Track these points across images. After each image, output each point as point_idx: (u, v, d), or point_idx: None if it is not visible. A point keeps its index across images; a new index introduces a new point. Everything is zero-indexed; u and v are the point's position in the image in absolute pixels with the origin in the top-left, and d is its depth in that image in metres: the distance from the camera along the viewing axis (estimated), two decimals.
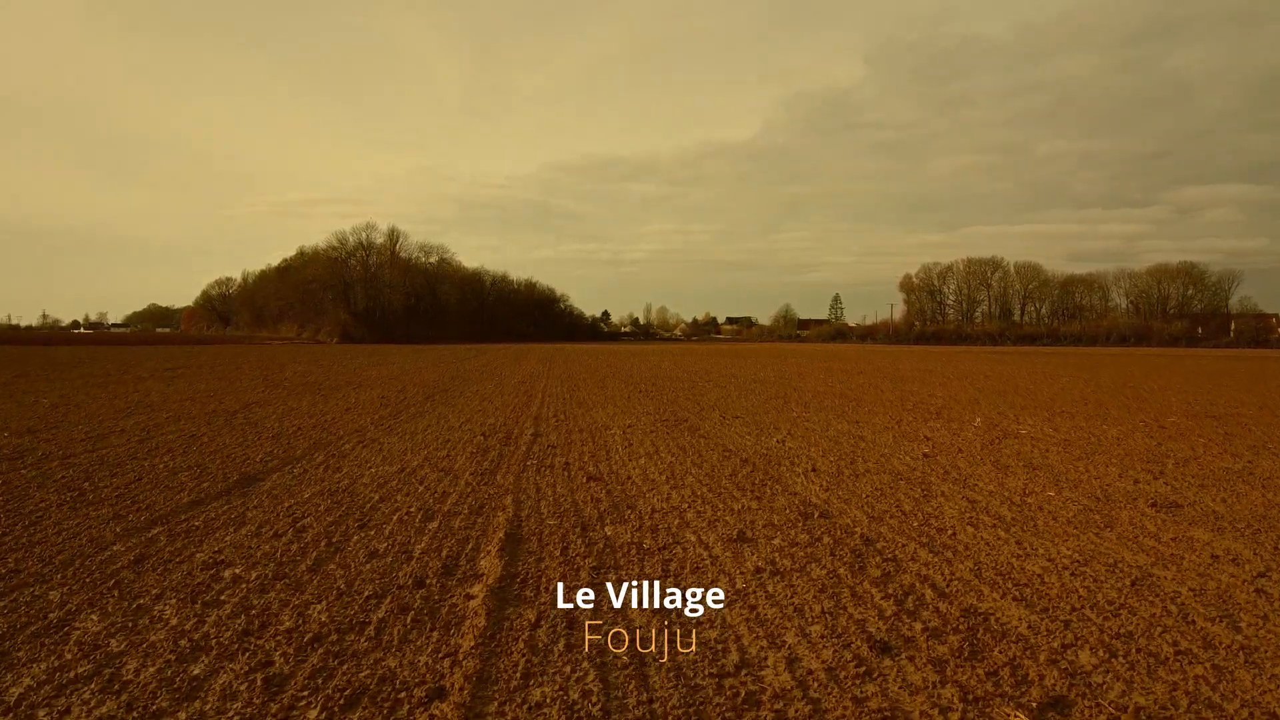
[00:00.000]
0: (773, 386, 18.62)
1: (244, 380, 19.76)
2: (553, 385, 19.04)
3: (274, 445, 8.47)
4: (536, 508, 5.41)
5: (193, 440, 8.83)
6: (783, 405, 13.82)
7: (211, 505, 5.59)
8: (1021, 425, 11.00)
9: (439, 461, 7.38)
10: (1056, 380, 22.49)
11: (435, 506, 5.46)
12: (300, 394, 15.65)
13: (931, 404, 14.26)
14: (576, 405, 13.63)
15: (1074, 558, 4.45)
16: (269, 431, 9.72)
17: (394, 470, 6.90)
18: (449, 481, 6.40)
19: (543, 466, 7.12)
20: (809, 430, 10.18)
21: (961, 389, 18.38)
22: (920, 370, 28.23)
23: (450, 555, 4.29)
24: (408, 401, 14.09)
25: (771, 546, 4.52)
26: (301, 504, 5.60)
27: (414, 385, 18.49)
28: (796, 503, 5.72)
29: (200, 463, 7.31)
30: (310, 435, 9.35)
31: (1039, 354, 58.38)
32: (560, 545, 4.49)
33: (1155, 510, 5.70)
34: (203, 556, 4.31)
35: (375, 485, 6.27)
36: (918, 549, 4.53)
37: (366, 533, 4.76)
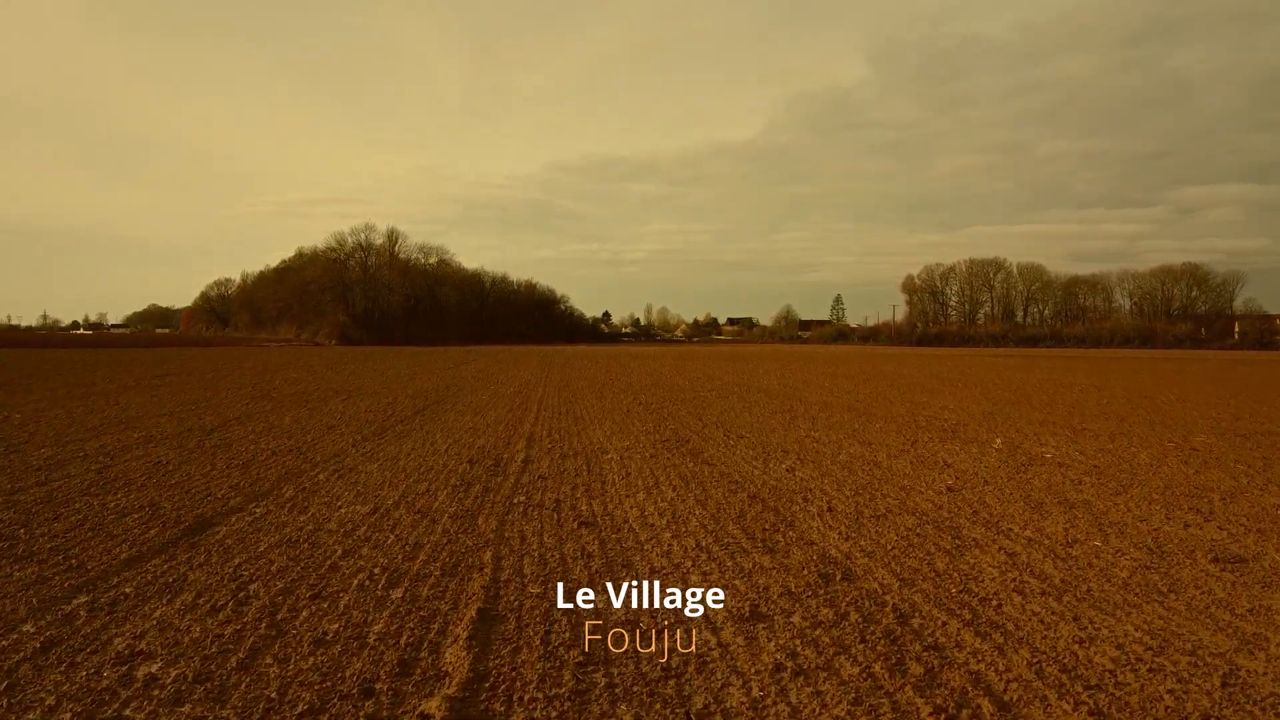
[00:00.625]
0: (777, 398, 17.96)
1: (230, 390, 19.11)
2: (549, 396, 18.38)
3: (241, 476, 7.81)
4: (519, 568, 4.75)
5: (156, 469, 8.17)
6: (789, 421, 13.15)
7: (152, 562, 4.93)
8: (1045, 447, 10.33)
9: (417, 499, 6.73)
10: (1069, 389, 21.82)
11: (403, 566, 4.80)
12: (286, 407, 15.00)
13: (945, 419, 13.59)
14: (573, 421, 12.97)
15: (1145, 642, 3.79)
16: (241, 457, 9.06)
17: (366, 511, 6.24)
18: (424, 527, 5.74)
19: (530, 506, 6.46)
20: (819, 454, 9.52)
21: (973, 400, 17.72)
22: (927, 376, 27.55)
23: (411, 642, 3.63)
24: (396, 416, 13.43)
25: (790, 627, 3.86)
26: (253, 560, 4.95)
27: (405, 395, 17.85)
28: (814, 558, 5.06)
29: (155, 501, 6.65)
30: (284, 461, 8.69)
31: (1044, 357, 57.70)
32: (542, 627, 3.83)
33: (1218, 568, 5.04)
34: (121, 644, 3.65)
35: (342, 533, 5.61)
36: (961, 629, 3.87)
37: (319, 606, 4.10)
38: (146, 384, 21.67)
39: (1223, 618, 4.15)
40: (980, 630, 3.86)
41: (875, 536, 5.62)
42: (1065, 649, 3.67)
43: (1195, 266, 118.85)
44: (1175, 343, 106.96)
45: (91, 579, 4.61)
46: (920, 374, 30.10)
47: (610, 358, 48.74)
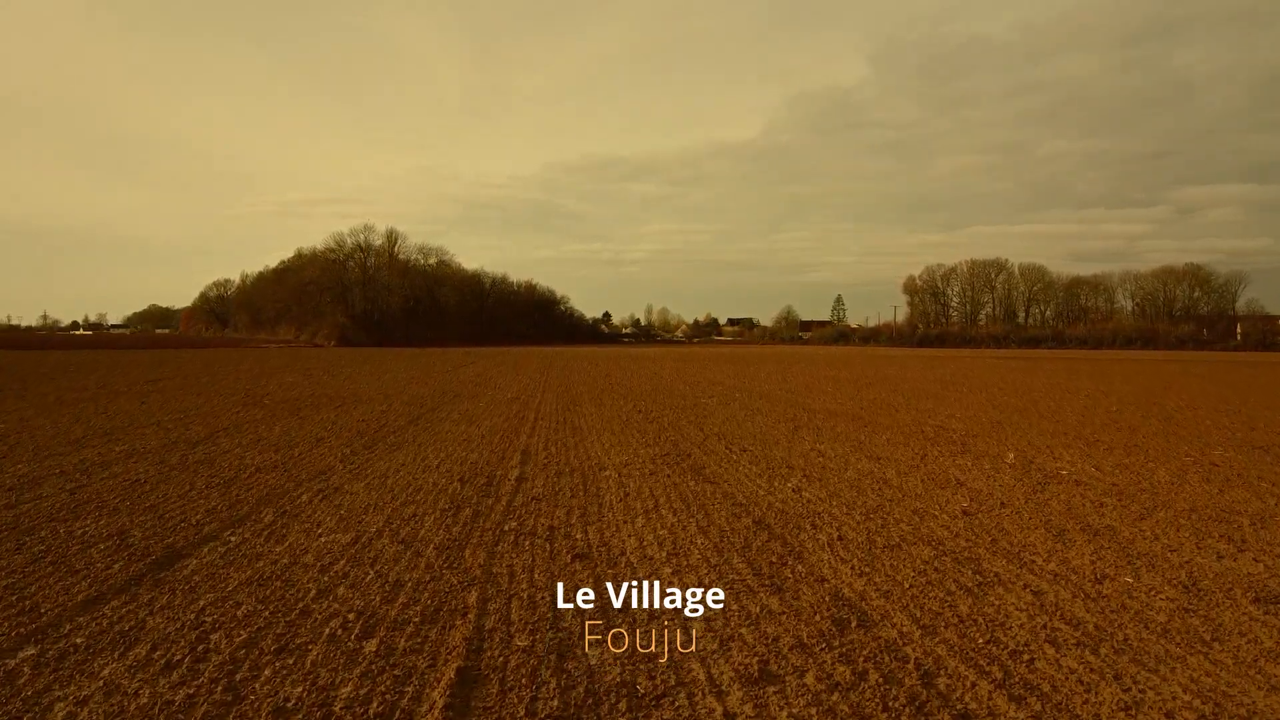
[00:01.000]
0: (779, 404, 17.59)
1: (222, 397, 18.75)
2: (547, 403, 18.02)
3: (221, 498, 7.45)
4: (505, 614, 4.37)
5: (132, 490, 7.81)
6: (793, 431, 12.78)
7: (110, 605, 4.56)
8: (1059, 462, 9.96)
9: (402, 525, 6.36)
10: (1075, 395, 21.44)
11: (381, 610, 4.43)
12: (276, 416, 14.63)
13: (953, 429, 13.22)
14: (570, 432, 12.60)
15: (1196, 707, 3.42)
16: (223, 474, 8.69)
17: (346, 541, 5.87)
18: (407, 561, 5.37)
19: (522, 534, 6.09)
20: (826, 470, 9.15)
21: (980, 407, 17.34)
22: (931, 381, 27.17)
23: (381, 712, 3.26)
24: (388, 427, 13.07)
25: (804, 690, 3.48)
26: (220, 602, 4.58)
27: (400, 403, 17.48)
28: (826, 598, 4.68)
29: (126, 528, 6.28)
30: (267, 480, 8.32)
31: (1046, 359, 57.30)
32: (529, 690, 3.46)
33: (1261, 609, 4.67)
34: (61, 712, 3.28)
35: (318, 568, 5.24)
36: (993, 692, 3.49)
37: (283, 663, 3.73)
38: (138, 389, 21.32)
39: (1275, 674, 3.78)
40: (1014, 693, 3.49)
41: (890, 572, 5.24)
42: (1112, 717, 3.30)
43: (1197, 267, 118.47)
44: (1177, 344, 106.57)
45: (43, 625, 4.24)
46: (924, 378, 29.72)
47: (610, 360, 48.36)
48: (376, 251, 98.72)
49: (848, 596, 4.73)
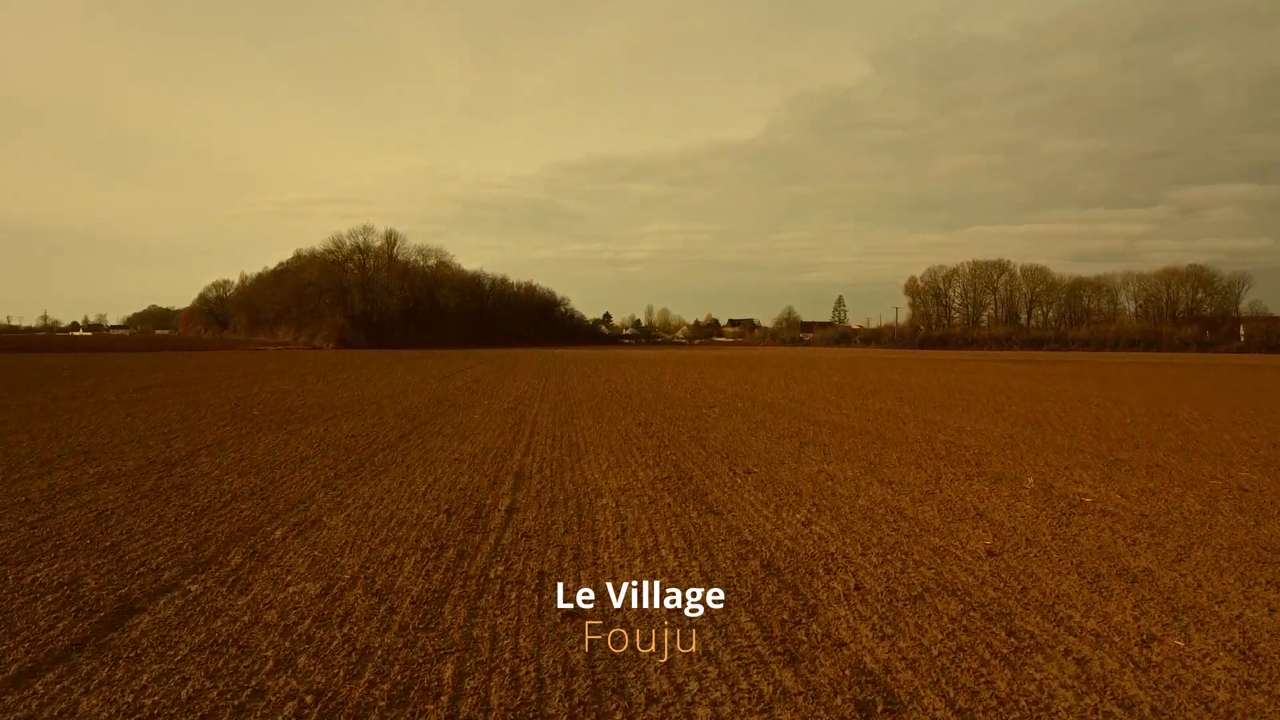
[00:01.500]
0: (783, 416, 17.08)
1: (210, 408, 18.25)
2: (544, 414, 17.51)
3: (189, 534, 6.94)
4: (484, 695, 3.86)
5: (97, 524, 7.30)
6: (799, 449, 12.27)
7: (46, 678, 4.06)
8: (1080, 486, 9.45)
9: (379, 571, 5.85)
10: (1085, 405, 20.92)
11: (343, 690, 3.91)
12: (263, 431, 14.13)
13: (965, 445, 12.71)
14: (567, 449, 12.10)
15: None
16: (197, 502, 8.19)
17: (316, 592, 5.36)
18: (380, 621, 4.86)
19: (508, 583, 5.58)
20: (836, 497, 8.64)
21: (990, 419, 16.82)
22: (937, 388, 26.64)
23: None
24: (378, 443, 12.56)
25: None
26: (164, 677, 4.07)
27: (393, 414, 16.97)
28: (847, 671, 4.17)
29: (80, 574, 5.78)
30: (241, 511, 7.81)
31: (1051, 362, 56.71)
32: None
33: None
34: None
35: (281, 628, 4.73)
36: None
37: None
38: (127, 398, 20.84)
39: None
40: None
41: (916, 634, 4.73)
42: None
43: (1200, 268, 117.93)
44: (1181, 346, 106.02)
45: None
46: (929, 384, 29.20)
47: (610, 364, 47.86)
48: (375, 253, 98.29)
49: (870, 669, 4.22)
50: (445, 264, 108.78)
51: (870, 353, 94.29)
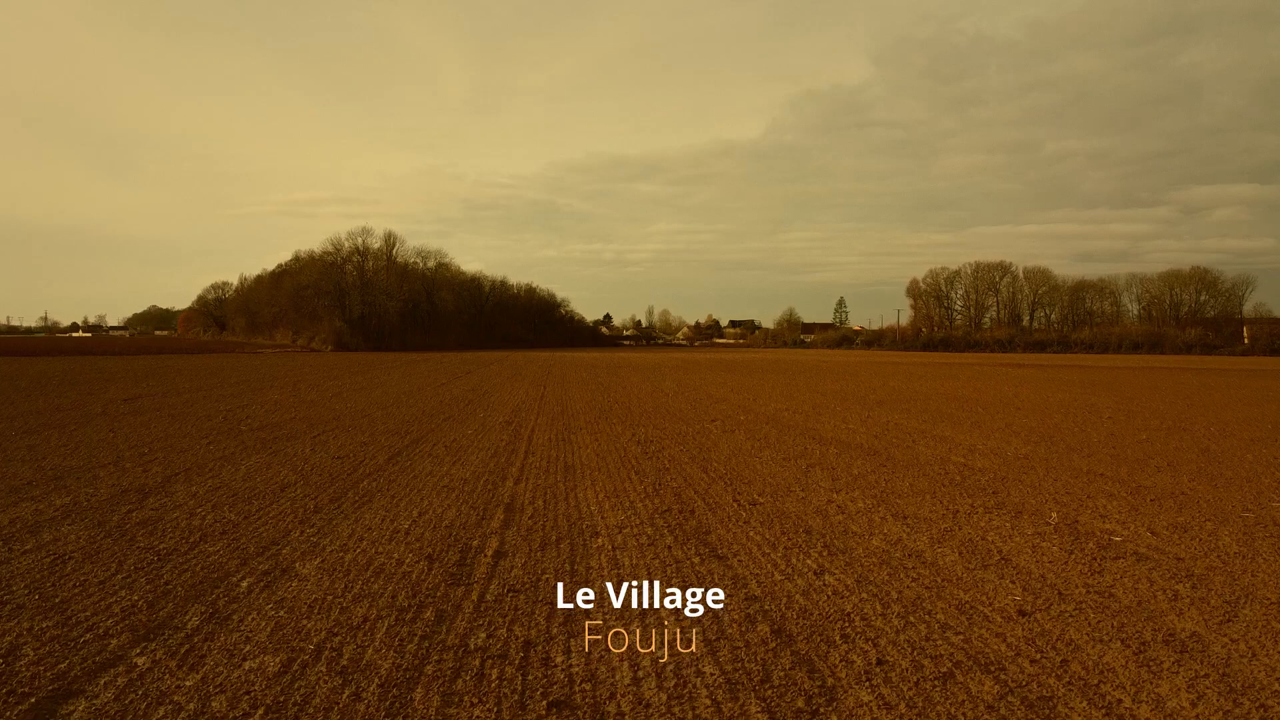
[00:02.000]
0: (788, 432, 16.51)
1: (198, 421, 17.70)
2: (540, 429, 16.97)
3: (148, 585, 6.38)
4: None
5: (51, 573, 6.74)
6: (806, 472, 11.72)
7: None
8: (1108, 522, 8.88)
9: (347, 639, 5.28)
10: (1098, 417, 20.34)
11: None
12: (248, 450, 13.57)
13: (978, 468, 12.14)
14: (562, 473, 11.54)
15: None
16: (162, 543, 7.63)
17: (275, 669, 4.79)
18: (342, 709, 4.29)
19: (489, 656, 5.01)
20: (849, 538, 8.07)
21: (1001, 435, 16.24)
22: (944, 398, 26.06)
23: None
24: (365, 466, 12.01)
25: None
26: None
27: (384, 429, 16.41)
28: None
29: (19, 643, 5.21)
30: (209, 555, 7.25)
31: (1056, 367, 56.11)
32: None
33: None
34: None
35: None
36: None
37: None
38: (113, 412, 20.30)
39: None
40: None
41: None
42: None
43: (1204, 270, 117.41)
44: (1185, 349, 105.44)
45: None
46: (935, 393, 28.63)
47: (609, 370, 47.31)
48: (374, 254, 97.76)
49: None
50: (444, 266, 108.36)
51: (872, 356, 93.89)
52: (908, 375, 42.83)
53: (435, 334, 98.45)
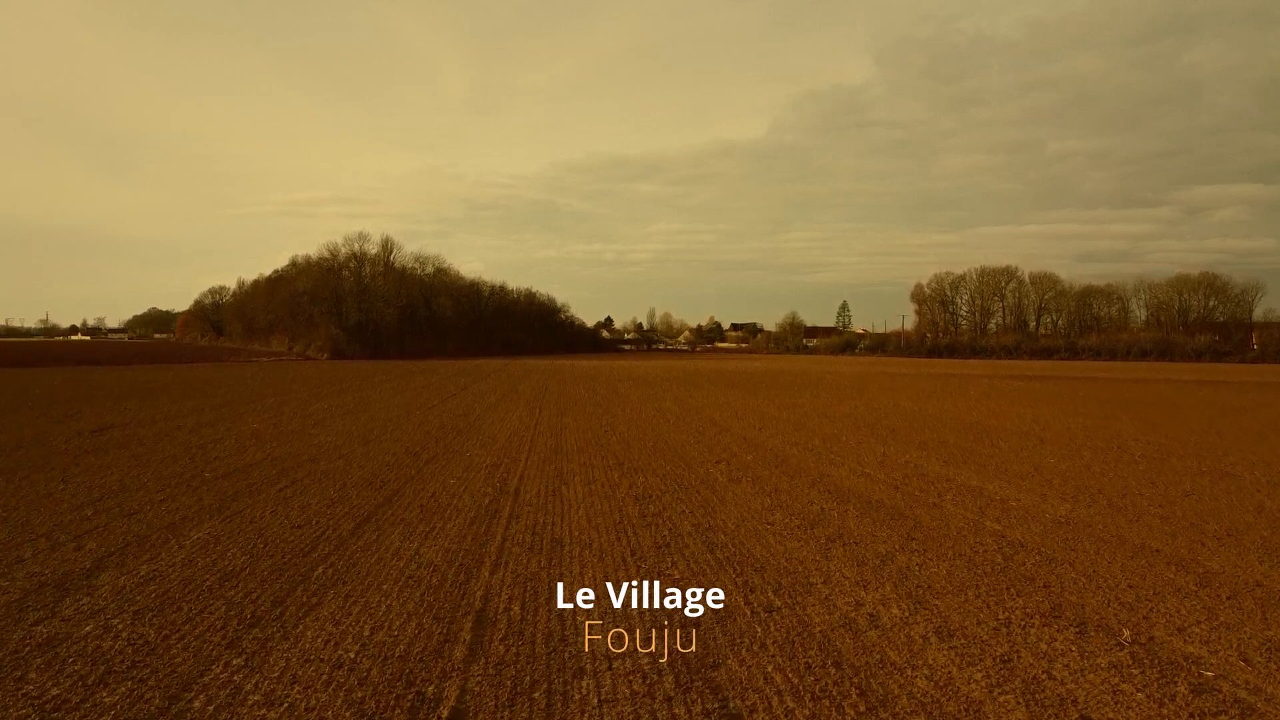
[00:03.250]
0: (801, 481, 15.10)
1: (161, 465, 16.29)
2: (529, 478, 15.60)
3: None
4: None
5: None
6: (825, 551, 10.31)
7: None
8: (1190, 642, 7.46)
9: None
10: (1130, 455, 18.88)
11: None
12: (202, 515, 12.16)
13: (1022, 545, 10.73)
14: (548, 555, 10.16)
15: None
16: (55, 689, 6.23)
17: None
18: None
19: None
20: (887, 674, 6.65)
21: (1035, 488, 14.80)
22: (962, 427, 24.59)
23: None
24: (324, 542, 10.61)
25: None
26: None
27: (357, 477, 14.99)
28: None
29: None
30: (105, 705, 5.85)
31: (1069, 379, 54.56)
32: None
33: None
34: None
35: None
36: None
37: None
38: (75, 448, 18.96)
39: None
40: None
41: None
42: None
43: (1214, 276, 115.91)
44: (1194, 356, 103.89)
45: None
46: (950, 416, 27.17)
47: (609, 384, 45.92)
48: (371, 260, 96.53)
49: None
50: (443, 271, 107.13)
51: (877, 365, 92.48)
52: (917, 392, 41.40)
53: (433, 340, 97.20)
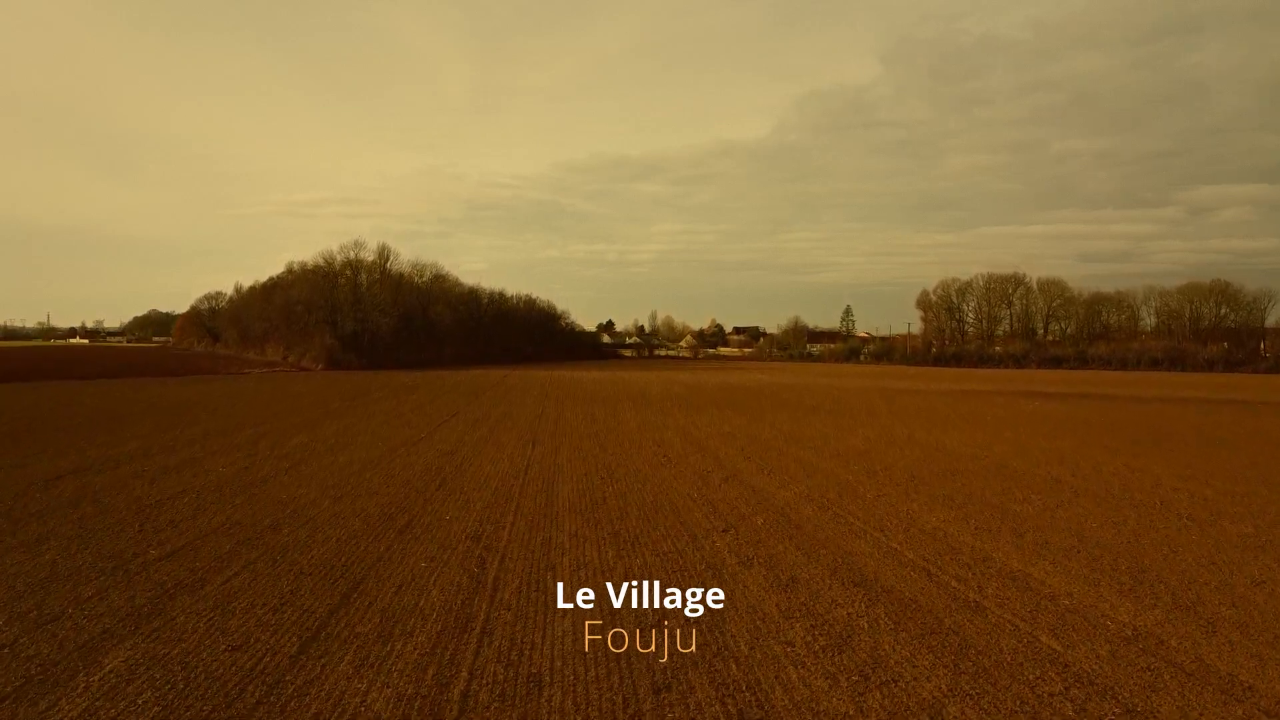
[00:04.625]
0: (820, 565, 13.21)
1: (100, 544, 14.38)
2: (515, 544, 13.77)
3: None
4: None
5: None
6: (860, 701, 8.45)
7: None
8: None
9: None
10: (1178, 518, 16.97)
11: None
12: (112, 639, 10.29)
13: (1089, 680, 8.85)
14: (525, 685, 8.30)
15: None
16: None
17: None
18: None
19: None
20: None
21: (1083, 573, 12.88)
22: (987, 471, 22.61)
23: None
24: (265, 661, 8.75)
25: None
26: None
27: (318, 560, 13.12)
28: None
29: None
30: None
31: (1085, 398, 52.53)
32: None
33: None
34: None
35: None
36: None
37: None
38: (21, 508, 17.11)
39: None
40: None
41: None
42: None
43: (1225, 284, 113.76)
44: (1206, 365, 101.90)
45: None
46: (970, 452, 25.22)
47: (609, 405, 44.07)
48: (368, 267, 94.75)
49: None
50: (441, 277, 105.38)
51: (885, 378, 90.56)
52: (931, 417, 39.46)
53: (431, 349, 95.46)
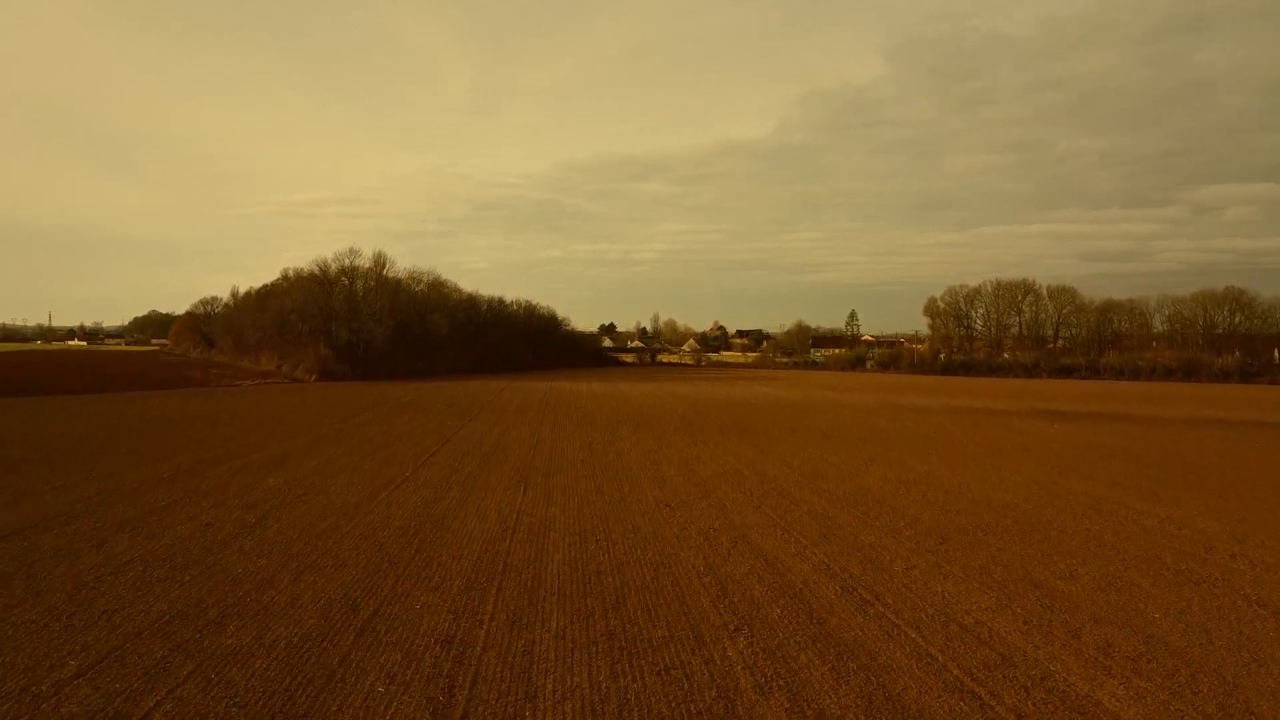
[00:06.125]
0: (845, 682, 11.16)
1: (26, 629, 12.37)
2: (490, 656, 11.74)
3: None
4: None
5: None
6: None
7: None
8: None
9: None
10: (1247, 603, 14.88)
11: None
12: None
13: None
14: None
15: None
16: None
17: None
18: None
19: None
20: None
21: (1156, 672, 10.82)
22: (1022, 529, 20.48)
23: None
24: None
25: None
26: None
27: (263, 659, 11.07)
28: None
29: None
30: None
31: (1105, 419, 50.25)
32: None
33: None
34: None
35: None
36: None
37: None
38: None
39: None
40: None
41: None
42: None
43: (1239, 291, 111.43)
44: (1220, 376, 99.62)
45: None
46: (999, 500, 23.09)
47: (607, 431, 42.00)
48: (363, 275, 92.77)
49: None
50: (439, 284, 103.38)
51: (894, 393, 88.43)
52: (950, 448, 37.31)
53: (428, 358, 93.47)
